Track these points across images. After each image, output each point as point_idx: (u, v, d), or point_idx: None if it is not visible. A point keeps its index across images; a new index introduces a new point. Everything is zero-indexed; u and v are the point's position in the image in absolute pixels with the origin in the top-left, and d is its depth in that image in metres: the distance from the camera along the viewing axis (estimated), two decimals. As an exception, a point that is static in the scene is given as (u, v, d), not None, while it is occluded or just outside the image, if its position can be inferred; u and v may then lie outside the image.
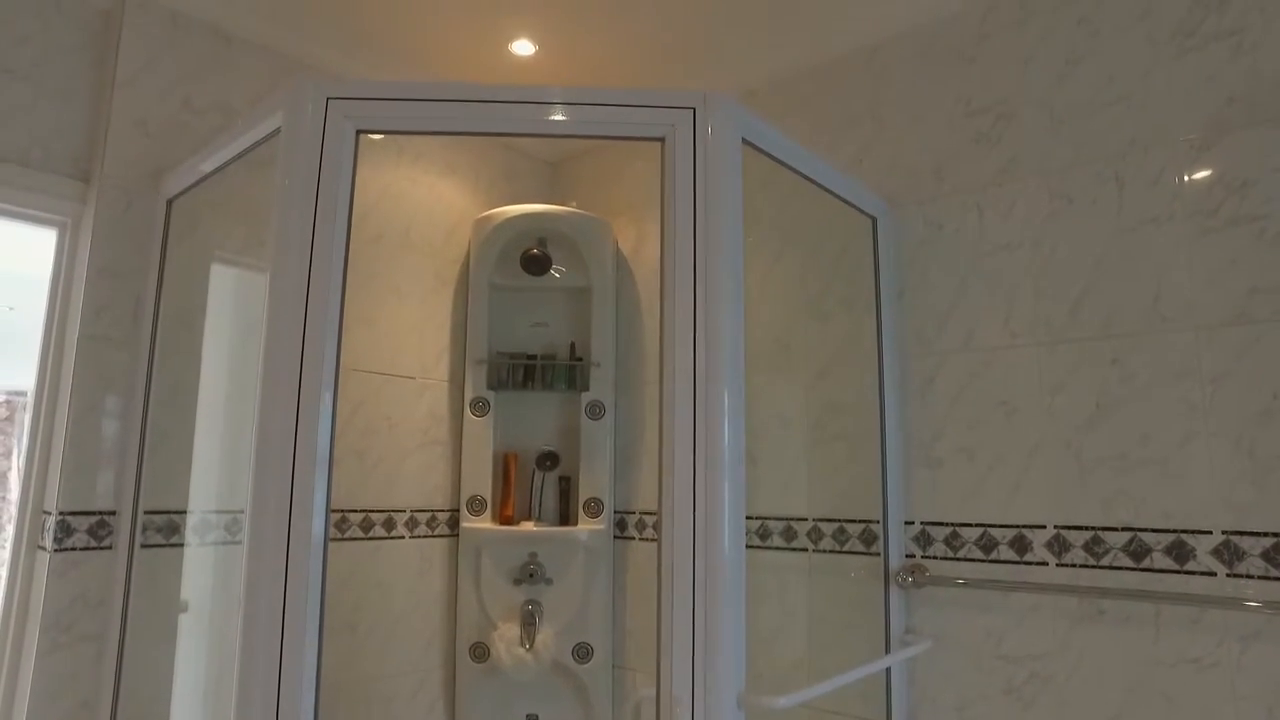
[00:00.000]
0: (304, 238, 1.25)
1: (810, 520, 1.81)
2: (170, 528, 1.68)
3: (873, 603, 1.67)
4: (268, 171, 1.36)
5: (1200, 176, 1.42)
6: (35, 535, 1.61)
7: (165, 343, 1.69)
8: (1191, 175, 1.43)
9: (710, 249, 1.28)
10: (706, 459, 1.23)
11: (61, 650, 1.55)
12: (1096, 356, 1.50)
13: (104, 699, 1.56)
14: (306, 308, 1.24)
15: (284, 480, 1.20)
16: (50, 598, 1.55)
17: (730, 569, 1.21)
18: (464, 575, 2.07)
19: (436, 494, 2.10)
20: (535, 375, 2.13)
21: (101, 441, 1.63)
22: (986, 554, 1.58)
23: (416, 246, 2.14)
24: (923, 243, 1.73)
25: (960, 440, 1.63)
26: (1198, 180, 1.43)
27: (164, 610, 1.66)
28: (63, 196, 1.73)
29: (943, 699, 1.60)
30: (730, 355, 1.26)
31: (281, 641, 1.17)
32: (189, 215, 1.72)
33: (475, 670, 2.05)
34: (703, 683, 1.16)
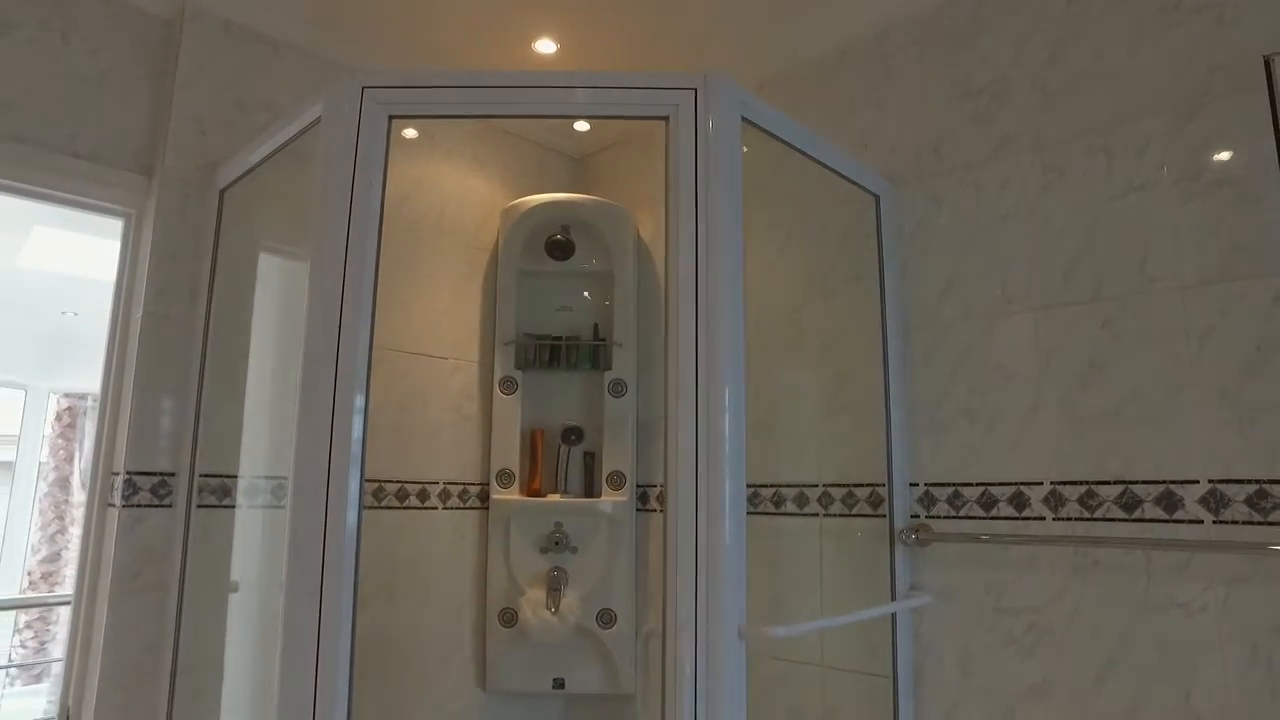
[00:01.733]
0: (342, 212, 1.38)
1: (820, 486, 1.89)
2: (223, 490, 1.82)
3: (879, 562, 1.74)
4: (309, 164, 1.50)
5: (1184, 144, 1.49)
6: (106, 493, 1.77)
7: (218, 320, 1.84)
8: (1176, 144, 1.50)
9: (711, 220, 1.38)
10: (709, 416, 1.31)
11: (130, 598, 1.70)
12: (1088, 319, 1.56)
13: (167, 643, 1.71)
14: (344, 279, 1.36)
15: (322, 449, 1.32)
16: (119, 550, 1.70)
17: (731, 510, 1.29)
18: (493, 545, 2.19)
19: (468, 468, 2.23)
20: (560, 355, 2.25)
21: (162, 408, 1.79)
22: (987, 511, 1.65)
23: (448, 235, 2.28)
24: (923, 219, 1.81)
25: (961, 404, 1.71)
26: (1182, 148, 1.49)
27: (217, 565, 1.80)
28: (129, 189, 1.89)
29: (946, 652, 1.67)
30: (729, 323, 1.35)
31: (321, 589, 1.29)
32: (239, 204, 1.87)
33: (504, 634, 2.16)
34: (705, 615, 1.25)
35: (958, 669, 1.65)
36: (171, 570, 1.74)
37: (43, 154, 1.78)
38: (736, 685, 1.25)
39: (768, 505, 1.97)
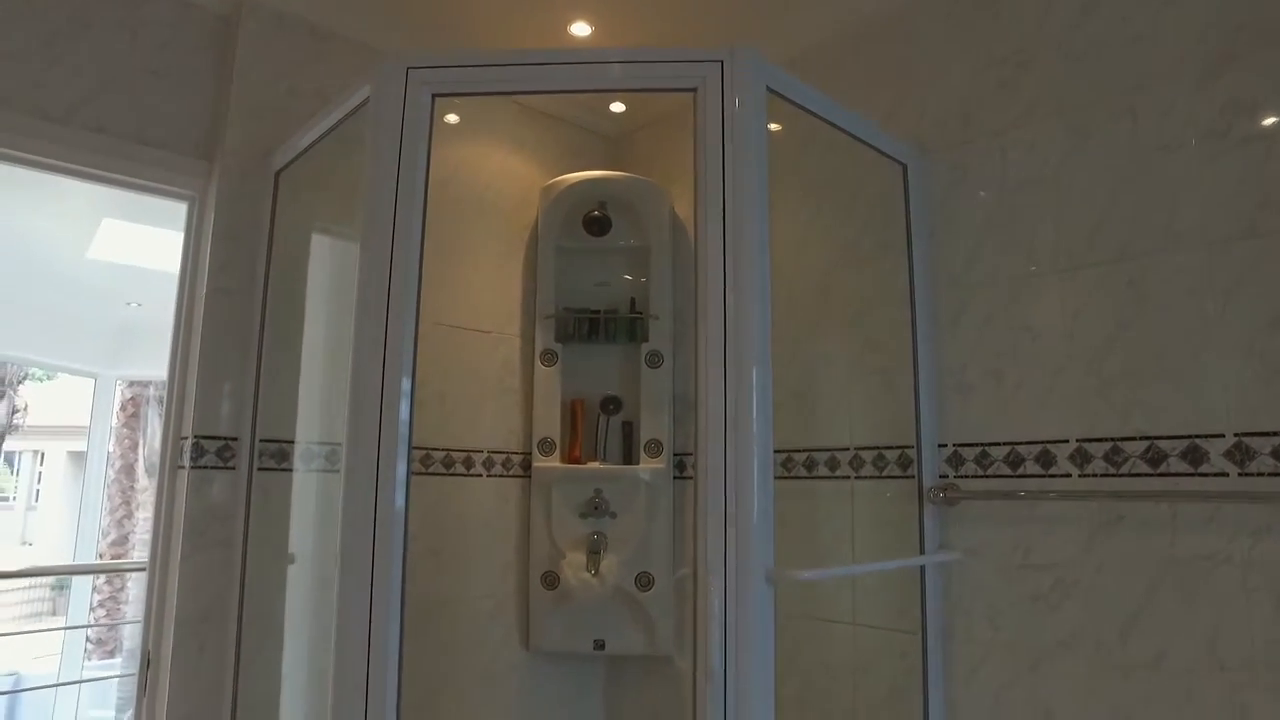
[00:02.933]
0: (390, 186, 1.46)
1: (852, 449, 1.94)
2: (281, 454, 1.93)
3: (909, 521, 1.79)
4: (357, 145, 1.60)
5: (1211, 103, 1.50)
6: (176, 456, 1.90)
7: (275, 295, 1.95)
8: (1203, 103, 1.51)
9: (738, 189, 1.42)
10: (737, 385, 1.36)
11: (199, 553, 1.83)
12: (1113, 279, 1.58)
13: (232, 594, 1.83)
14: (392, 250, 1.45)
15: (373, 424, 1.40)
16: (189, 508, 1.83)
17: (759, 473, 1.34)
18: (535, 510, 2.28)
19: (510, 437, 2.32)
20: (599, 328, 2.33)
21: (225, 377, 1.91)
22: (1014, 470, 1.68)
23: (490, 215, 2.37)
24: (950, 186, 1.84)
25: (988, 367, 1.74)
26: (1208, 106, 1.50)
27: (277, 523, 1.91)
28: (192, 174, 2.01)
29: (974, 609, 1.71)
30: (756, 293, 1.38)
31: (373, 559, 1.36)
32: (292, 185, 1.98)
33: (546, 597, 2.25)
34: (734, 560, 1.31)
35: (986, 624, 1.69)
36: (236, 527, 1.86)
37: (116, 142, 1.91)
38: (764, 627, 1.31)
39: (800, 469, 2.02)
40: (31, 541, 14.60)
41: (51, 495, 15.64)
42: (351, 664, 1.35)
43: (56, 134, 1.83)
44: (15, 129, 1.78)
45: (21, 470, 15.44)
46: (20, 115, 1.78)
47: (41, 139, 1.81)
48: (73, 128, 1.85)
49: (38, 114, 1.81)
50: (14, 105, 1.78)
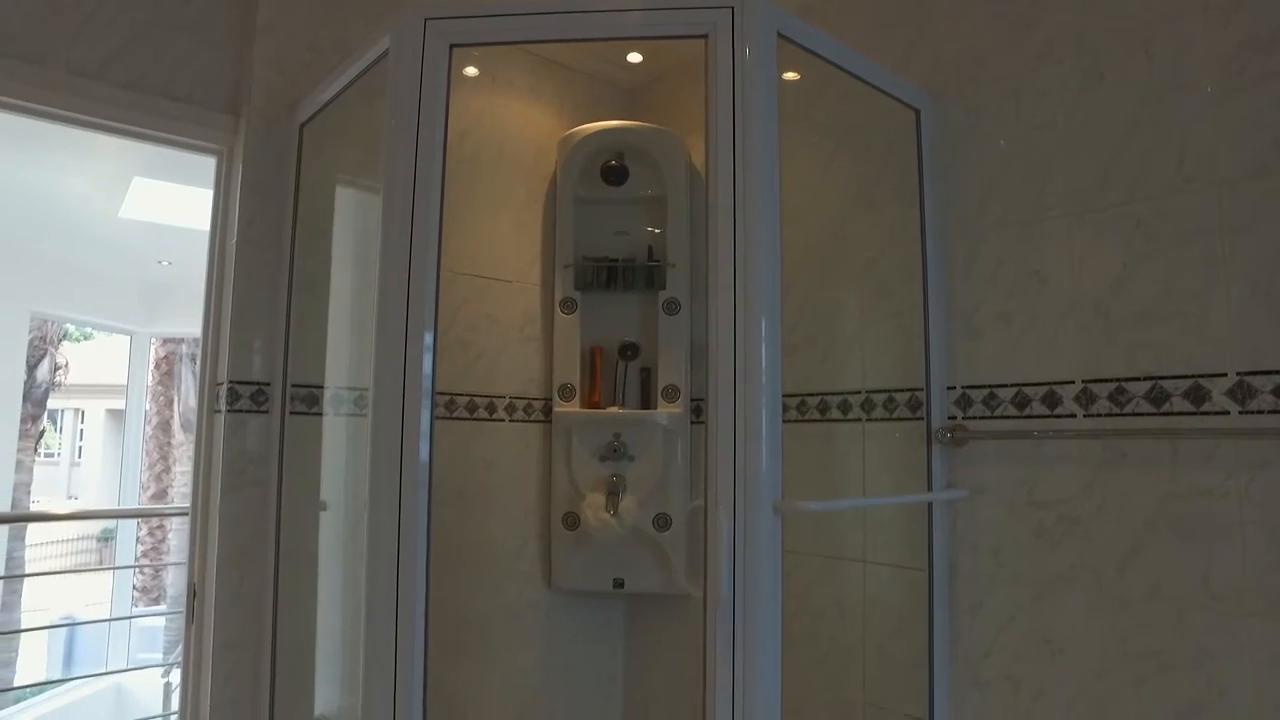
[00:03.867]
0: (410, 135, 1.51)
1: (864, 393, 1.98)
2: (311, 399, 2.02)
3: (917, 462, 1.83)
4: (378, 97, 1.64)
5: (1229, 40, 1.49)
6: (213, 401, 1.99)
7: (302, 245, 2.01)
8: (1220, 40, 1.50)
9: (748, 135, 1.45)
10: (745, 330, 1.40)
11: (237, 492, 1.93)
12: (1123, 221, 1.60)
13: (269, 530, 1.93)
14: (414, 198, 1.50)
15: (398, 367, 1.46)
16: (227, 450, 1.92)
17: (768, 400, 1.39)
18: (556, 454, 2.36)
19: (531, 383, 2.39)
20: (617, 277, 2.38)
21: (257, 325, 1.98)
22: (1020, 411, 1.72)
23: (509, 166, 2.41)
24: (963, 131, 1.85)
25: (997, 310, 1.77)
26: (1226, 43, 1.49)
27: (309, 465, 2.00)
28: (219, 128, 2.07)
29: (980, 544, 1.76)
30: (766, 238, 1.42)
31: (399, 505, 1.43)
32: (316, 138, 2.03)
33: (568, 537, 2.34)
34: (743, 492, 1.37)
35: (990, 559, 1.74)
36: (270, 468, 1.96)
37: (146, 98, 1.96)
38: (772, 555, 1.37)
39: (813, 413, 2.07)
40: (76, 496, 15.12)
41: (92, 452, 16.13)
42: (382, 601, 1.42)
43: (89, 89, 1.89)
44: (50, 85, 1.84)
45: (64, 428, 15.91)
46: (55, 72, 1.84)
47: (76, 95, 1.87)
48: (105, 84, 1.91)
49: (73, 70, 1.86)
50: (49, 62, 1.84)
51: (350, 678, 1.94)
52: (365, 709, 1.42)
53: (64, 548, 13.68)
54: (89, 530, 14.43)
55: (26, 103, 1.82)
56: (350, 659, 1.94)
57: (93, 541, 14.42)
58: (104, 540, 14.34)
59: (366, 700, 1.42)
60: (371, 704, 1.41)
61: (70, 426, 16.08)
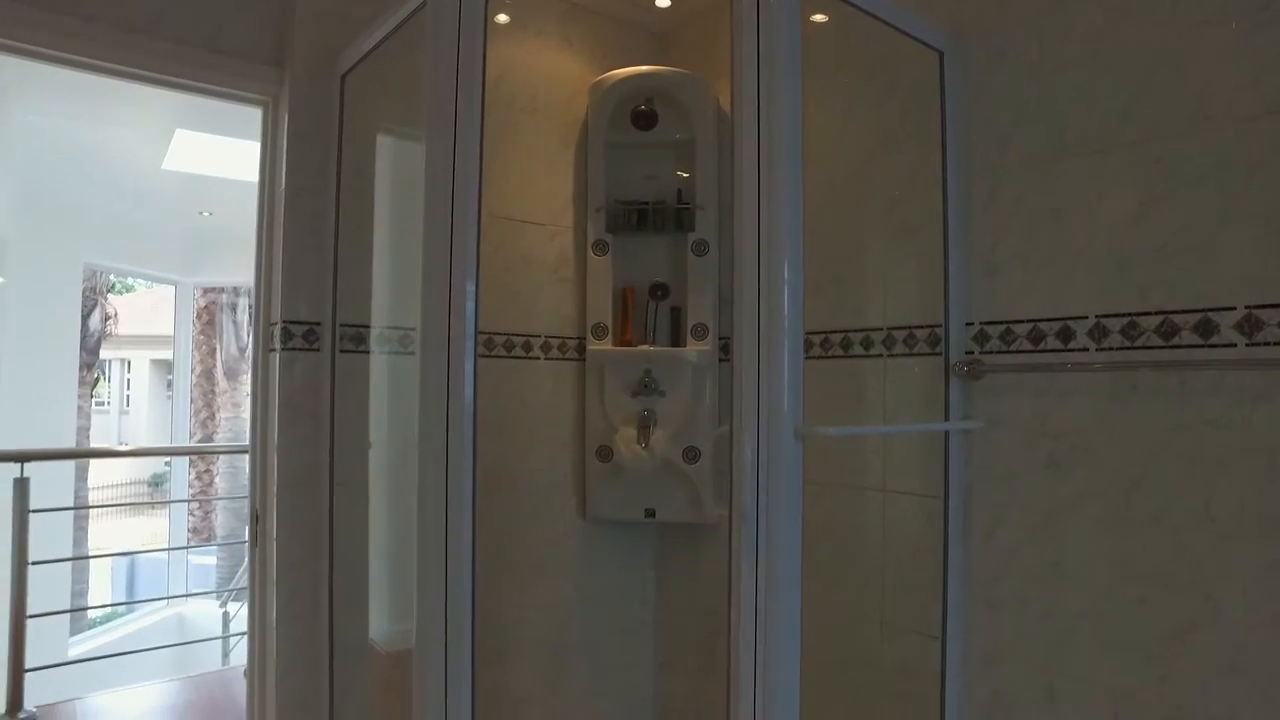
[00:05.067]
0: (449, 85, 1.58)
1: (885, 329, 2.06)
2: (358, 338, 2.14)
3: (936, 396, 1.91)
4: (415, 47, 1.70)
5: (1254, -26, 1.50)
6: (268, 340, 2.12)
7: (346, 191, 2.11)
8: (1246, -26, 1.51)
9: (772, 75, 1.50)
10: (768, 271, 1.47)
11: (294, 424, 2.06)
12: (1142, 158, 1.63)
13: (324, 459, 2.07)
14: (454, 148, 1.57)
15: (443, 302, 1.56)
16: (282, 386, 2.05)
17: (790, 335, 1.47)
18: (590, 390, 2.47)
19: (565, 322, 2.49)
20: (648, 219, 2.45)
21: (307, 267, 2.09)
22: (1035, 345, 1.78)
23: (542, 112, 2.48)
24: (986, 71, 1.88)
25: (1015, 248, 1.82)
26: (1251, -22, 1.50)
27: (358, 399, 2.13)
28: (265, 80, 2.16)
29: (994, 473, 1.84)
30: (789, 186, 1.47)
31: (447, 431, 1.52)
32: (357, 88, 2.11)
33: (601, 469, 2.46)
34: (766, 417, 1.46)
35: (1004, 487, 1.82)
36: (323, 403, 2.09)
37: (195, 52, 2.05)
38: (793, 477, 1.46)
39: (836, 349, 2.15)
40: (127, 442, 15.69)
41: (139, 400, 16.68)
42: (432, 532, 1.51)
43: (141, 44, 1.98)
44: (105, 41, 1.93)
45: (111, 377, 16.44)
46: (108, 28, 1.94)
47: (128, 49, 1.96)
48: (155, 38, 2.00)
49: (124, 26, 1.96)
50: (102, 19, 1.93)
51: (395, 605, 2.10)
52: (420, 632, 1.54)
53: (117, 492, 14.30)
54: (140, 475, 15.04)
55: (84, 58, 1.92)
56: (395, 587, 2.09)
57: (143, 486, 15.04)
58: (154, 485, 14.96)
59: (421, 624, 1.53)
60: (425, 628, 1.52)
61: (118, 376, 16.63)
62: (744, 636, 1.49)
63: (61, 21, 1.88)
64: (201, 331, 11.00)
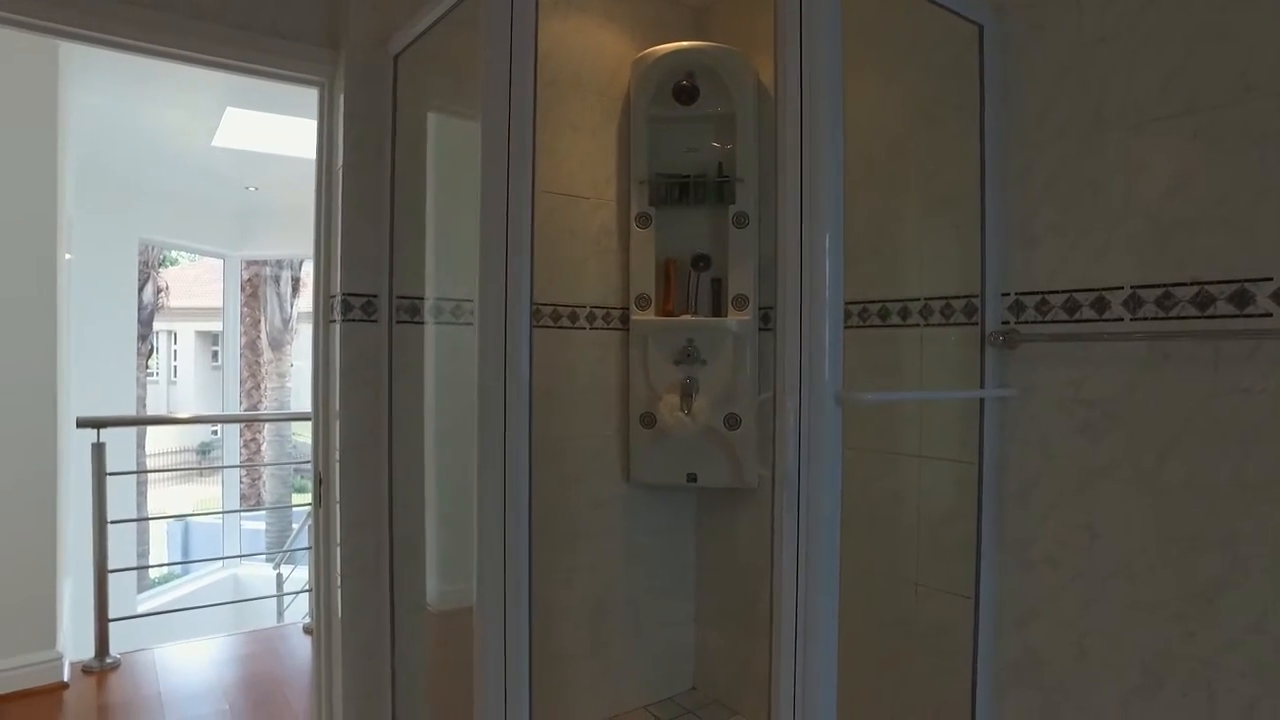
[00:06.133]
0: (504, 63, 1.64)
1: (922, 300, 2.10)
2: (413, 309, 2.23)
3: (971, 364, 1.96)
4: (466, 28, 1.77)
5: (1294, -53, 1.51)
6: (328, 312, 2.23)
7: (400, 168, 2.20)
8: (1285, -53, 1.52)
9: (814, 51, 1.53)
10: (811, 243, 1.52)
11: (354, 391, 2.18)
12: (1180, 132, 1.65)
13: (383, 425, 2.19)
14: (509, 127, 1.65)
15: (500, 275, 1.63)
16: (343, 356, 2.16)
17: (831, 304, 1.53)
18: (634, 358, 2.55)
19: (610, 293, 2.57)
20: (689, 192, 2.51)
21: (364, 241, 2.19)
22: (1070, 315, 1.82)
23: (585, 87, 2.54)
24: (1025, 44, 1.90)
25: (1051, 219, 1.85)
26: (1291, -49, 1.52)
27: (414, 367, 2.24)
28: (321, 61, 2.24)
29: (1028, 439, 1.89)
30: (830, 159, 1.50)
31: (505, 391, 1.61)
32: (409, 68, 2.19)
33: (645, 435, 2.55)
34: (808, 383, 1.53)
35: (1037, 453, 1.88)
36: (381, 371, 2.20)
37: (256, 36, 2.14)
38: (833, 440, 1.53)
39: (874, 319, 2.20)
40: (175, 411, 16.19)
41: (186, 371, 17.16)
42: (491, 496, 1.58)
43: (208, 31, 2.07)
44: (176, 28, 2.03)
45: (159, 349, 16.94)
46: (180, 16, 2.03)
47: (197, 36, 2.06)
48: (221, 25, 2.09)
49: (194, 14, 2.05)
50: (173, 8, 2.02)
51: (450, 564, 2.21)
52: (480, 592, 1.61)
53: (168, 459, 14.81)
54: (189, 443, 15.53)
55: (157, 45, 2.02)
56: (449, 547, 2.21)
57: (192, 454, 15.55)
58: (202, 452, 15.46)
59: (481, 584, 1.60)
60: (485, 588, 1.60)
61: (165, 348, 17.10)
62: (785, 595, 1.57)
63: (137, 12, 1.98)
64: (245, 303, 11.29)
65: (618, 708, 2.69)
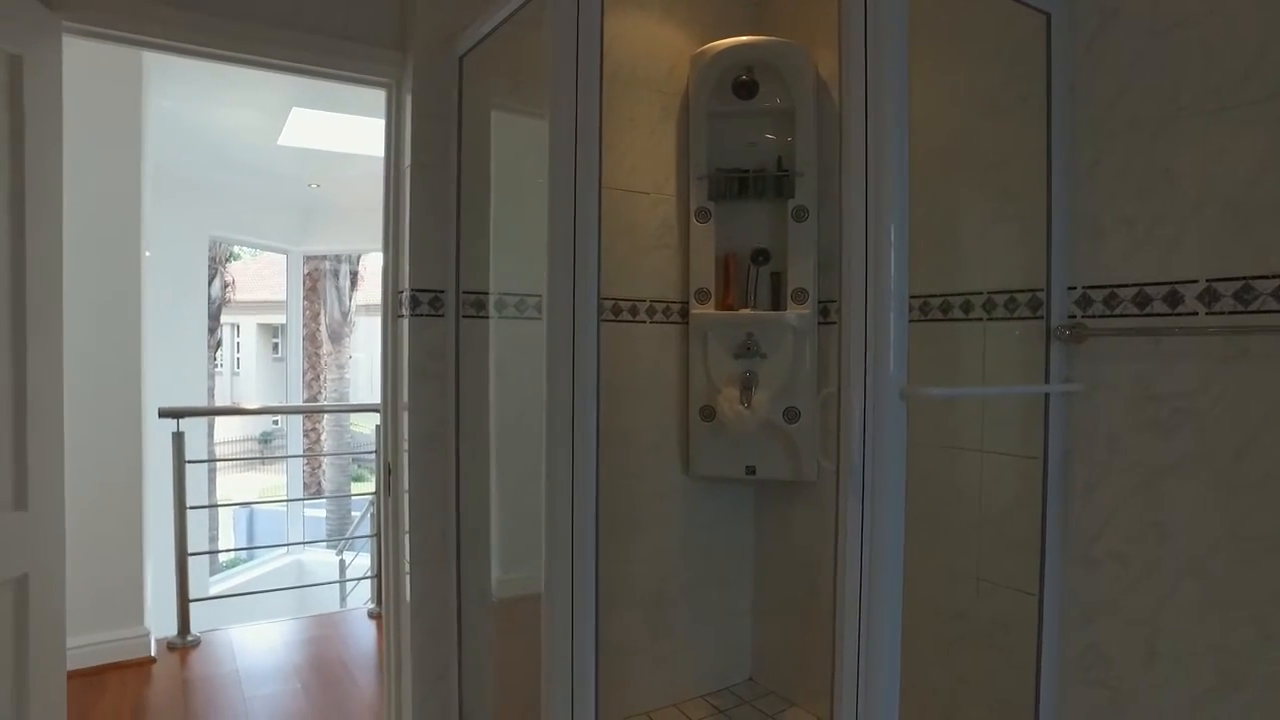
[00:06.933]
0: (570, 62, 1.67)
1: (985, 293, 2.08)
2: (479, 304, 2.29)
3: (1036, 359, 1.94)
4: (530, 29, 1.80)
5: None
6: (396, 307, 2.30)
7: (466, 167, 2.25)
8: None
9: (880, 40, 1.52)
10: (876, 238, 1.52)
11: (422, 383, 2.24)
12: (1264, 118, 1.61)
13: (450, 417, 2.25)
14: (576, 123, 1.68)
15: (568, 269, 1.66)
16: (412, 349, 2.23)
17: (896, 298, 1.53)
18: (693, 352, 2.57)
19: (669, 287, 2.60)
20: (749, 186, 2.52)
21: (431, 238, 2.25)
22: (1141, 309, 1.79)
23: (644, 83, 2.56)
24: (1097, 31, 1.86)
25: (1121, 211, 1.82)
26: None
27: (479, 360, 2.29)
28: (389, 63, 2.31)
29: (1095, 434, 1.87)
30: (895, 152, 1.50)
31: (573, 383, 1.66)
32: (474, 68, 2.24)
33: (704, 428, 2.57)
34: (873, 378, 1.54)
35: (1104, 448, 1.85)
36: (448, 364, 2.26)
37: (327, 40, 2.21)
38: (897, 435, 1.53)
39: (936, 313, 2.19)
40: (239, 402, 16.72)
41: (248, 362, 17.71)
42: (560, 487, 1.64)
43: (284, 38, 2.15)
44: (258, 37, 2.11)
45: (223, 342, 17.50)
46: (260, 25, 2.11)
47: (275, 44, 2.14)
48: (296, 30, 2.17)
49: (273, 22, 2.13)
50: (256, 16, 2.10)
51: (514, 553, 2.27)
52: (548, 582, 1.66)
53: (232, 448, 15.31)
54: (251, 433, 16.04)
55: (240, 54, 2.11)
56: (513, 537, 2.26)
57: (254, 442, 16.06)
58: (264, 441, 15.97)
59: (549, 574, 1.65)
60: (553, 577, 1.65)
61: (229, 340, 17.67)
62: (849, 588, 1.57)
63: (222, 24, 2.06)
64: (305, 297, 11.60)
65: (676, 696, 2.73)
